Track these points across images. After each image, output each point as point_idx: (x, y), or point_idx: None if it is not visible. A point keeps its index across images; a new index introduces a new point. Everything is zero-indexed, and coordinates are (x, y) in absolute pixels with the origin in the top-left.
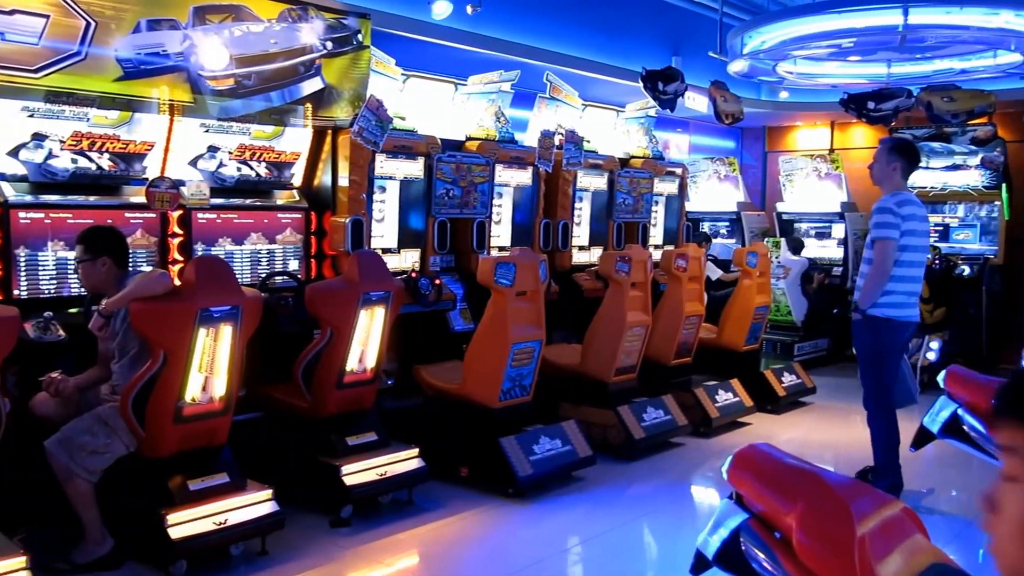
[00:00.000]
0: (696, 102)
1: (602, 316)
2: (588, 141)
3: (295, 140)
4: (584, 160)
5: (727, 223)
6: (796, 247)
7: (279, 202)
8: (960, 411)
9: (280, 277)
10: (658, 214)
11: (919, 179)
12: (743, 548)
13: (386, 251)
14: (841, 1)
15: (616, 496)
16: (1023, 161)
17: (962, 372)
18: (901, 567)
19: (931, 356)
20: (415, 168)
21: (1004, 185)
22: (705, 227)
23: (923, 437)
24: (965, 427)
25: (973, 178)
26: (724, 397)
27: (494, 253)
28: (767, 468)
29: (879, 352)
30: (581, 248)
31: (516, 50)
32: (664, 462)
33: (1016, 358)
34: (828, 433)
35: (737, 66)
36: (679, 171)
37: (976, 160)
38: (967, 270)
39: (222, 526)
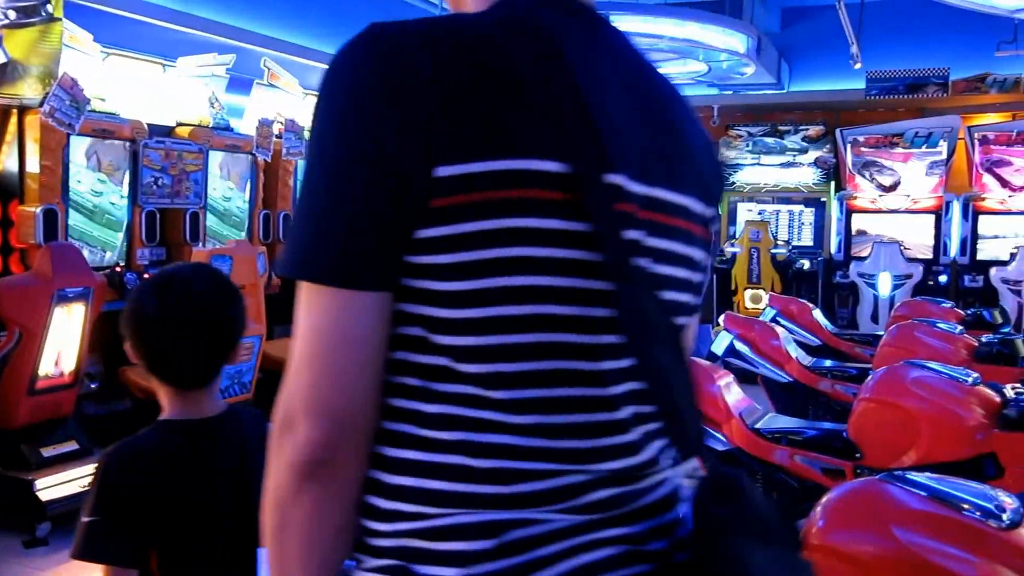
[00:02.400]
0: None
1: None
2: (308, 131)
3: None
4: (304, 149)
5: None
6: None
7: None
8: (735, 340)
9: None
10: None
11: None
12: None
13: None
14: None
15: None
16: None
17: (734, 315)
18: None
19: None
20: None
21: None
22: None
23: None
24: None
25: None
26: None
27: (209, 246)
28: None
29: None
30: None
31: (231, 33)
32: None
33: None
34: None
35: None
36: None
37: None
38: None
39: None
